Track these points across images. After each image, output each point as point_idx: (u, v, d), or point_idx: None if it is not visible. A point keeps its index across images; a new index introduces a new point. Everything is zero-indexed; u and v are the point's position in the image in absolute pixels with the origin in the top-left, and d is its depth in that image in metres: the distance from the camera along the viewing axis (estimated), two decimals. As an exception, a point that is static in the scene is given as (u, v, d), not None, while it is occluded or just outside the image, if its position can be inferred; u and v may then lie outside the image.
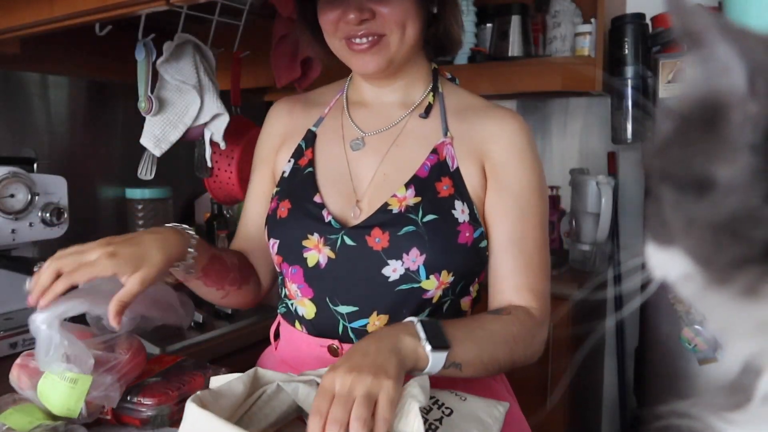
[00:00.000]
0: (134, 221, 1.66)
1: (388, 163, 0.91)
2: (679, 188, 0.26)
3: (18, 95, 1.46)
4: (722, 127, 0.23)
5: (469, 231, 0.86)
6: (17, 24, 1.07)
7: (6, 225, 1.13)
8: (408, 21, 0.86)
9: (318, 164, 0.94)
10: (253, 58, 1.52)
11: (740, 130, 0.22)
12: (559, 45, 1.79)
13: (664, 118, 0.27)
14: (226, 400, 0.68)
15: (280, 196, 0.94)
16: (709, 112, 0.24)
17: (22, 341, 1.14)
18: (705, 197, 0.24)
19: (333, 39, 0.90)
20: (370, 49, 0.86)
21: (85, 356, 0.76)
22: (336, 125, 0.97)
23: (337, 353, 0.88)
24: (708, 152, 0.24)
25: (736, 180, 0.23)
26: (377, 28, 0.85)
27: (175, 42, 1.30)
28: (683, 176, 0.25)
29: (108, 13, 0.98)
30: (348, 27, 0.86)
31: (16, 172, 1.13)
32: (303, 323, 0.91)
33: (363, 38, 0.86)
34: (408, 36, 0.87)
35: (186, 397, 0.84)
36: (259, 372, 0.73)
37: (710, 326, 0.27)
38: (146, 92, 1.28)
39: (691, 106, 0.25)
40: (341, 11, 0.85)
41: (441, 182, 0.88)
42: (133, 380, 0.83)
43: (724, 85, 0.23)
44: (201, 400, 0.66)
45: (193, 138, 1.40)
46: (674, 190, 0.26)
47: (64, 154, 1.55)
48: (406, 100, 0.95)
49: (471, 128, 0.92)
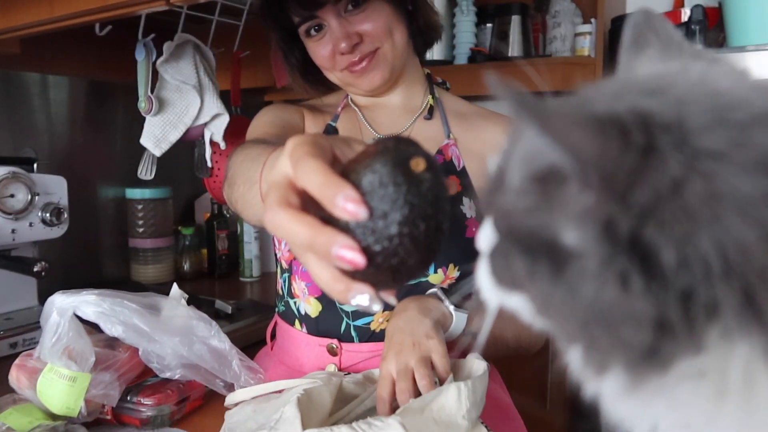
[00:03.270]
0: (134, 221, 1.66)
1: None
2: (529, 254, 0.25)
3: (18, 95, 1.46)
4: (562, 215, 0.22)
5: (476, 226, 0.87)
6: (17, 24, 1.07)
7: (6, 225, 1.13)
8: (393, 27, 0.88)
9: None
10: (253, 58, 1.52)
11: (580, 223, 0.22)
12: (559, 45, 1.78)
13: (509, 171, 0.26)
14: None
15: None
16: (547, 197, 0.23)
17: (22, 341, 1.14)
18: (560, 277, 0.23)
19: (334, 73, 0.91)
20: (370, 64, 0.88)
21: (88, 352, 0.77)
22: (353, 123, 0.97)
23: (335, 352, 0.88)
24: (555, 225, 0.23)
25: (588, 269, 0.22)
26: (370, 47, 0.87)
27: (175, 42, 1.30)
28: (532, 242, 0.24)
29: (108, 13, 0.98)
30: (344, 57, 0.87)
31: (16, 172, 1.13)
32: (304, 322, 0.91)
33: (362, 61, 0.88)
34: (398, 40, 0.89)
35: (186, 397, 0.84)
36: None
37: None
38: (146, 92, 1.28)
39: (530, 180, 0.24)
40: (331, 46, 0.87)
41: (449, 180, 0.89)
42: (132, 379, 0.83)
43: (557, 178, 0.22)
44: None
45: (193, 138, 1.40)
46: (524, 254, 0.25)
47: (64, 154, 1.55)
48: (408, 103, 0.97)
49: (473, 130, 0.95)
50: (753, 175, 0.20)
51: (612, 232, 0.21)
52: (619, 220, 0.21)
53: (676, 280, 0.20)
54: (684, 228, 0.20)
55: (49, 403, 0.76)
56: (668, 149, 0.21)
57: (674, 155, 0.21)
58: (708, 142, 0.21)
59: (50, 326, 0.76)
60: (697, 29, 1.46)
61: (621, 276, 0.21)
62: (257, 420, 0.71)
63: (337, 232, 0.37)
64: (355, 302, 0.39)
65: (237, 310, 1.38)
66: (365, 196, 0.38)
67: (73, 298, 0.77)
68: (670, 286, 0.21)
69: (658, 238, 0.20)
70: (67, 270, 1.51)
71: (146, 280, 1.65)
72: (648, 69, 0.29)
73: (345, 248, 0.37)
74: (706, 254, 0.20)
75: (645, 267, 0.21)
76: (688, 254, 0.20)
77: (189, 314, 0.85)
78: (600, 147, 0.20)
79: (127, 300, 0.80)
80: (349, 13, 0.86)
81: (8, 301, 1.24)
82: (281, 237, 0.40)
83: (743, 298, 0.20)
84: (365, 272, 0.38)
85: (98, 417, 0.80)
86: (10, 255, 1.19)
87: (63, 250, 1.46)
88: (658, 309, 0.21)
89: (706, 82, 0.24)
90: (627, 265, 0.21)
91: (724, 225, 0.20)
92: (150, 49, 1.29)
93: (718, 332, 0.20)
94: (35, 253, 1.27)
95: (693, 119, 0.22)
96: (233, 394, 0.82)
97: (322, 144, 0.41)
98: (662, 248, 0.20)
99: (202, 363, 0.82)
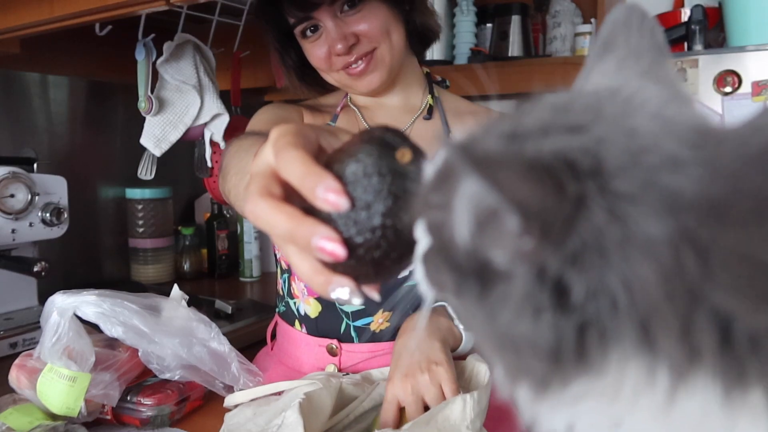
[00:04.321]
0: (134, 221, 1.66)
1: None
2: (458, 271, 0.26)
3: (18, 95, 1.46)
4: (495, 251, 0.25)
5: None
6: (17, 24, 1.07)
7: (6, 225, 1.13)
8: (390, 27, 0.88)
9: None
10: (253, 58, 1.52)
11: (514, 260, 0.24)
12: (559, 45, 1.78)
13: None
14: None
15: None
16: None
17: (22, 341, 1.14)
18: (484, 298, 0.25)
19: (330, 74, 0.91)
20: (368, 67, 0.88)
21: (88, 353, 0.77)
22: (352, 124, 0.97)
23: (335, 353, 0.88)
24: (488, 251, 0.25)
25: (510, 297, 0.24)
26: (367, 47, 0.87)
27: (175, 42, 1.30)
28: (463, 260, 0.26)
29: (108, 13, 0.98)
30: (341, 59, 0.87)
31: (16, 172, 1.13)
32: (304, 322, 0.91)
33: (358, 62, 0.87)
34: (395, 40, 0.88)
35: (186, 398, 0.84)
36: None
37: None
38: (146, 92, 1.28)
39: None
40: (327, 47, 0.87)
41: None
42: (132, 379, 0.83)
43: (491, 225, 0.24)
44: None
45: (193, 138, 1.40)
46: (453, 270, 0.27)
47: (64, 154, 1.55)
48: (407, 103, 0.97)
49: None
50: (659, 217, 0.22)
51: (541, 272, 0.23)
52: (550, 264, 0.23)
53: (580, 314, 0.23)
54: (598, 269, 0.22)
55: (49, 403, 0.76)
56: (594, 197, 0.23)
57: (599, 202, 0.23)
58: (623, 186, 0.23)
59: (50, 326, 0.76)
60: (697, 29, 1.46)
61: (536, 309, 0.24)
62: (257, 422, 0.71)
63: (317, 223, 0.36)
64: (335, 295, 0.38)
65: (237, 310, 1.38)
66: (348, 186, 0.36)
67: (73, 298, 0.77)
68: (572, 318, 0.23)
69: (575, 279, 0.23)
70: (67, 270, 1.51)
71: (146, 280, 1.65)
72: (595, 82, 0.32)
73: (325, 239, 0.36)
74: (613, 291, 0.22)
75: (558, 302, 0.23)
76: (597, 292, 0.22)
77: (189, 316, 0.85)
78: (540, 199, 0.22)
79: (128, 301, 0.80)
80: (345, 13, 0.86)
81: (8, 301, 1.24)
82: (262, 227, 0.39)
83: (640, 328, 0.22)
84: (347, 264, 0.37)
85: (98, 417, 0.80)
86: (10, 255, 1.19)
87: (63, 250, 1.46)
88: (557, 338, 0.23)
89: (628, 114, 0.26)
90: (544, 301, 0.23)
91: (630, 265, 0.22)
92: (150, 49, 1.29)
93: (616, 357, 0.23)
94: (35, 253, 1.27)
95: (611, 161, 0.23)
96: (232, 396, 0.82)
97: (306, 134, 0.40)
98: (576, 287, 0.23)
99: (201, 365, 0.82)
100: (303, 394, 0.67)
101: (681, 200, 0.22)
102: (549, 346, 0.23)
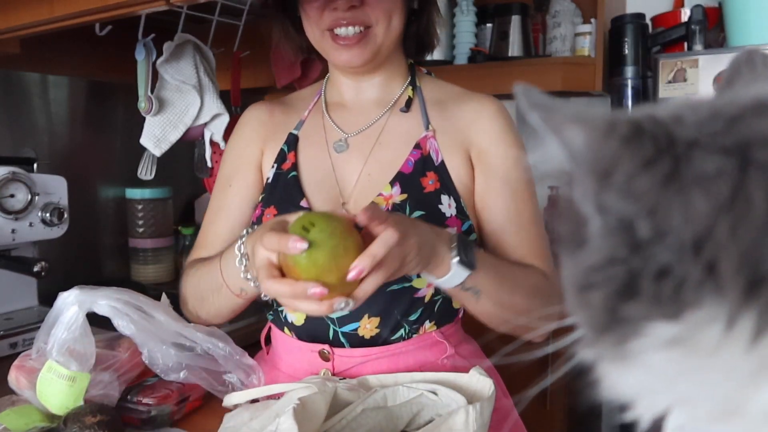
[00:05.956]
0: (134, 221, 1.66)
1: (372, 162, 0.91)
2: (567, 250, 0.29)
3: (18, 95, 1.46)
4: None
5: (456, 225, 0.86)
6: (17, 24, 1.07)
7: (6, 225, 1.13)
8: (394, 12, 0.86)
9: (302, 168, 0.93)
10: (253, 58, 1.52)
11: (582, 202, 0.26)
12: (559, 45, 1.78)
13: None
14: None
15: (265, 203, 0.92)
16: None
17: (22, 341, 1.14)
18: (576, 252, 0.27)
19: (315, 29, 0.88)
20: (358, 43, 0.85)
21: (90, 353, 0.77)
22: (317, 127, 0.96)
23: (328, 358, 0.87)
24: (576, 220, 0.27)
25: (593, 241, 0.26)
26: (364, 18, 0.85)
27: (175, 42, 1.30)
28: (568, 239, 0.29)
29: (108, 13, 0.98)
30: (334, 14, 0.84)
31: (16, 172, 1.13)
32: (292, 329, 0.91)
33: (349, 27, 0.85)
34: (393, 27, 0.87)
35: (186, 398, 0.84)
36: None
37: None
38: (146, 92, 1.28)
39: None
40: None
41: (426, 177, 0.88)
42: (132, 379, 0.83)
43: (561, 171, 0.27)
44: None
45: (193, 138, 1.40)
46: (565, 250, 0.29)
47: (64, 154, 1.55)
48: (384, 96, 0.95)
49: (451, 118, 0.92)
50: (716, 156, 0.23)
51: (615, 218, 0.25)
52: (620, 208, 0.24)
53: (652, 257, 0.24)
54: (666, 211, 0.23)
55: (48, 403, 0.76)
56: (666, 149, 0.24)
57: (670, 151, 0.24)
58: (690, 133, 0.24)
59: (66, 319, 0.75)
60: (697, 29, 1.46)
61: (612, 253, 0.25)
62: (252, 427, 0.71)
63: (306, 283, 0.64)
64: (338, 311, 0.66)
65: (237, 310, 1.38)
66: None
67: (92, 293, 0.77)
68: (645, 261, 0.24)
69: (645, 223, 0.24)
70: (67, 270, 1.51)
71: (146, 280, 1.65)
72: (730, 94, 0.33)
73: (313, 288, 0.63)
74: (678, 230, 0.23)
75: (631, 246, 0.24)
76: (665, 233, 0.23)
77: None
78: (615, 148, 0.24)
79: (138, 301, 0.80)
80: None
81: (8, 301, 1.23)
82: (274, 297, 0.69)
83: (708, 270, 0.23)
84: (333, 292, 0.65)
85: (98, 417, 0.80)
86: (10, 255, 1.19)
87: (63, 250, 1.46)
88: (632, 281, 0.24)
89: (741, 96, 0.27)
90: (619, 245, 0.25)
91: (690, 201, 0.23)
92: (150, 49, 1.29)
93: (690, 302, 0.23)
94: (35, 253, 1.27)
95: (690, 120, 0.25)
96: (231, 396, 0.82)
97: (272, 227, 0.69)
98: (643, 230, 0.24)
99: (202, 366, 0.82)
100: (297, 399, 0.67)
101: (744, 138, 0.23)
102: (624, 290, 0.24)
